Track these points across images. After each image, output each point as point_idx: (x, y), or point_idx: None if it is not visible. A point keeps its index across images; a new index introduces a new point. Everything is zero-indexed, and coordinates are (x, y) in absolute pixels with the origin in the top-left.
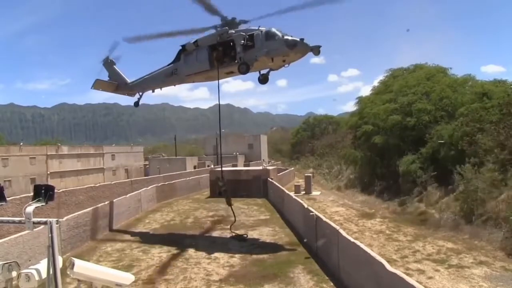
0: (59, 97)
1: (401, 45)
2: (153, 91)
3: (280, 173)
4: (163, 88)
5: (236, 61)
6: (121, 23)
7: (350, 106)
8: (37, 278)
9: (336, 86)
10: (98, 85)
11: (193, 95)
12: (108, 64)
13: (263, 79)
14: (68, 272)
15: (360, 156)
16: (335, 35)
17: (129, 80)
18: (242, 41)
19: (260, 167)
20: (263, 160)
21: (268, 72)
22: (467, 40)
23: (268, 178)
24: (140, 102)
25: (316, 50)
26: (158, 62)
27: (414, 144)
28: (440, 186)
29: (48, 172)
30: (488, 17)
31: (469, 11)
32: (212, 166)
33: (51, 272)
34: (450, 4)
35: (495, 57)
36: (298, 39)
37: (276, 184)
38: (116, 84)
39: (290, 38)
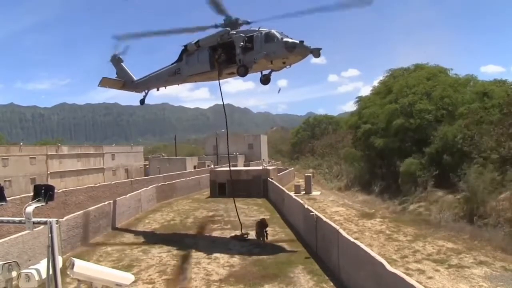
0: (59, 97)
1: (401, 45)
2: (157, 90)
3: (280, 173)
4: (166, 87)
5: (236, 63)
6: (121, 23)
7: (350, 106)
8: (37, 278)
9: (336, 86)
10: (104, 82)
11: (193, 95)
12: (116, 61)
13: (265, 80)
14: (68, 272)
15: (360, 155)
16: (335, 35)
17: (135, 78)
18: (242, 43)
19: (260, 167)
20: (263, 160)
21: (270, 73)
22: (466, 41)
23: (268, 178)
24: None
25: (316, 53)
26: (162, 61)
27: (416, 145)
28: (440, 186)
29: (48, 172)
30: (487, 17)
31: (468, 11)
32: (212, 166)
33: (51, 272)
34: (450, 5)
35: (495, 57)
36: (297, 42)
37: (276, 184)
38: (123, 81)
39: (289, 40)
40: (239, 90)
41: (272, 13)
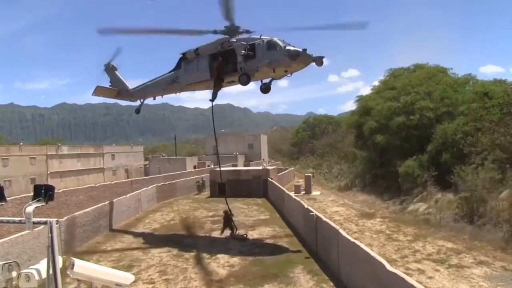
0: (59, 97)
1: (401, 45)
2: (154, 98)
3: (280, 173)
4: (163, 96)
5: (237, 71)
6: (121, 23)
7: (350, 106)
8: (37, 278)
9: (336, 86)
10: (99, 91)
11: (193, 95)
12: (110, 69)
13: (265, 89)
14: (68, 272)
15: (360, 155)
16: (335, 36)
17: (130, 87)
18: (243, 51)
19: (260, 167)
20: (263, 160)
21: (270, 82)
22: (465, 41)
23: (268, 178)
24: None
25: (319, 61)
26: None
27: (417, 144)
28: (440, 186)
29: (48, 172)
30: (486, 18)
31: (468, 11)
32: (212, 166)
33: (51, 272)
34: (450, 5)
35: (494, 58)
36: (300, 50)
37: (276, 184)
38: (117, 90)
39: (292, 48)
40: (239, 90)
41: (273, 23)
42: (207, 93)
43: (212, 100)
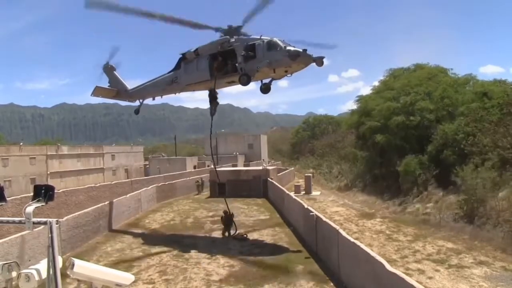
0: (59, 97)
1: (401, 45)
2: (153, 99)
3: (280, 173)
4: (162, 96)
5: (237, 71)
6: (122, 23)
7: (350, 106)
8: (37, 278)
9: (336, 86)
10: (98, 91)
11: (193, 95)
12: (108, 69)
13: (265, 89)
14: (68, 272)
15: (360, 155)
16: (335, 36)
17: (129, 87)
18: (243, 52)
19: (260, 167)
20: (263, 160)
21: (270, 82)
22: (465, 41)
23: (268, 178)
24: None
25: (319, 61)
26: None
27: (417, 144)
28: (440, 186)
29: (48, 172)
30: (486, 18)
31: (468, 11)
32: (212, 166)
33: (51, 272)
34: (450, 5)
35: (494, 58)
36: (300, 50)
37: (276, 184)
38: (116, 90)
39: (292, 49)
40: (239, 90)
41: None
42: (207, 93)
43: (212, 115)
